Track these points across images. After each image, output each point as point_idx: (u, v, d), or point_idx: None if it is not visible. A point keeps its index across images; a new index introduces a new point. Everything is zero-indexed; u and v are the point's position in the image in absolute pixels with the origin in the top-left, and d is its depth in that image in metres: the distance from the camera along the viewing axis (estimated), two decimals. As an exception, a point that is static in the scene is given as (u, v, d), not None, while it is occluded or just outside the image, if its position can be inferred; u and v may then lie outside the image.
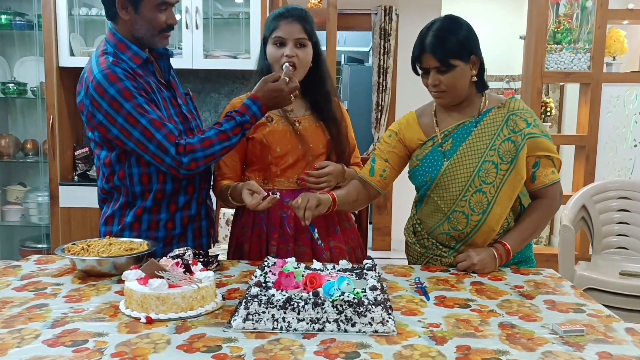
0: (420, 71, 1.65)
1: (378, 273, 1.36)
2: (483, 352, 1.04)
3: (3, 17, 3.36)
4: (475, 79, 1.63)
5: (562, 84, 4.64)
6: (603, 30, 3.45)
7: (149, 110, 1.52)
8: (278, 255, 1.70)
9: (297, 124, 1.78)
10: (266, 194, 1.59)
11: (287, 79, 1.59)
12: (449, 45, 1.56)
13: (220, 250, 2.94)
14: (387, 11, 4.90)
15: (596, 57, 3.46)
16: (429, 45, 1.57)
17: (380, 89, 4.99)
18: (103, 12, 3.43)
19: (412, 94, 4.98)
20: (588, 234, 2.97)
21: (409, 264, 1.81)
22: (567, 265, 2.75)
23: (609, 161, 3.53)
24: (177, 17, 3.29)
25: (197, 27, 3.26)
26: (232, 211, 3.17)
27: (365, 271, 1.36)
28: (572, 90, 4.57)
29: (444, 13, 4.99)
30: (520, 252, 1.68)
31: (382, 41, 4.94)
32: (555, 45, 3.51)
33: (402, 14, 4.97)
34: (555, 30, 3.53)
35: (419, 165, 1.71)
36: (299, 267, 1.35)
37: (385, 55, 4.94)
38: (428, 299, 1.34)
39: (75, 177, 3.46)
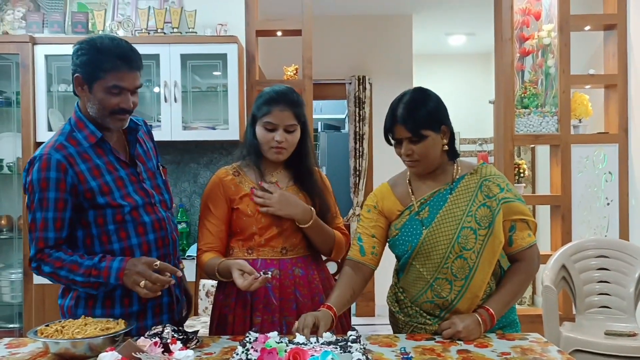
0: (392, 141, 1.69)
1: (363, 345, 1.33)
2: None
3: (-19, 94, 3.38)
4: (446, 147, 1.67)
5: (532, 146, 4.78)
6: (567, 95, 3.60)
7: (48, 208, 1.55)
8: (263, 326, 1.68)
9: None
10: (259, 274, 1.58)
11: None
12: (420, 117, 1.61)
13: (200, 323, 2.86)
14: (361, 80, 5.08)
15: (563, 120, 3.60)
16: (400, 117, 1.62)
17: (357, 154, 5.09)
18: (82, 89, 3.47)
19: (388, 159, 5.06)
20: (570, 293, 2.97)
21: (393, 332, 1.78)
22: (552, 327, 2.73)
23: (584, 219, 3.59)
24: (156, 90, 3.37)
25: (175, 100, 3.31)
26: (212, 282, 3.11)
27: (349, 343, 1.33)
28: (543, 151, 4.71)
29: (415, 81, 5.24)
30: (504, 316, 1.67)
31: (357, 109, 5.08)
32: (524, 110, 3.65)
33: (375, 82, 5.15)
34: (523, 95, 3.67)
35: (398, 235, 1.71)
36: (281, 342, 1.31)
37: (361, 122, 5.07)
38: (415, 370, 1.31)
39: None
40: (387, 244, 1.77)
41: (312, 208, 1.79)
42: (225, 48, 3.34)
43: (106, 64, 1.55)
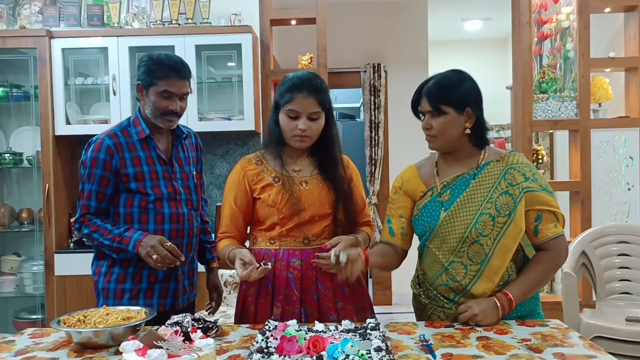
0: (420, 115, 1.70)
1: (382, 332, 1.33)
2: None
3: (0, 89, 3.42)
4: (468, 131, 1.65)
5: (551, 131, 4.71)
6: (587, 79, 3.54)
7: (94, 182, 1.86)
8: (283, 316, 1.67)
9: (304, 184, 1.77)
10: (258, 265, 1.61)
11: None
12: (443, 92, 1.62)
13: (219, 313, 2.89)
14: (376, 68, 5.04)
15: (582, 105, 3.54)
16: (425, 90, 1.65)
17: (373, 143, 5.06)
18: (98, 82, 3.53)
19: (404, 147, 5.06)
20: (590, 280, 2.94)
21: (415, 315, 1.79)
22: (572, 314, 2.70)
23: (604, 205, 3.54)
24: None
25: (191, 92, 3.31)
26: (229, 272, 3.14)
27: (369, 331, 1.33)
28: (562, 137, 4.64)
29: (431, 67, 5.18)
30: (525, 305, 1.66)
31: (372, 97, 5.05)
32: (542, 95, 3.59)
33: (391, 70, 5.11)
34: (541, 80, 3.62)
35: (419, 215, 1.72)
36: (301, 330, 1.32)
37: (376, 111, 5.04)
38: (434, 357, 1.30)
39: (71, 245, 3.43)
40: (411, 223, 1.77)
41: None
42: (239, 38, 3.34)
43: (159, 72, 1.83)
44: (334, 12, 4.27)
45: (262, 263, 1.62)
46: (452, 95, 1.62)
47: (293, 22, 3.74)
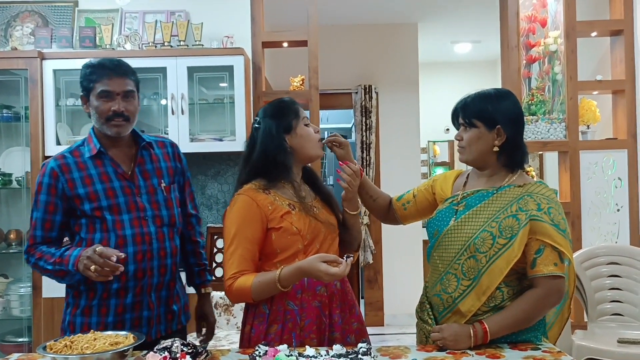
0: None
1: (373, 357, 1.32)
2: None
3: (-10, 109, 3.41)
4: (496, 149, 1.66)
5: (540, 152, 4.76)
6: (575, 101, 3.58)
7: (40, 209, 1.73)
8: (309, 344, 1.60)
9: (315, 209, 1.75)
10: (343, 259, 1.53)
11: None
12: (477, 106, 1.68)
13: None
14: (367, 89, 5.08)
15: (571, 126, 3.58)
16: (462, 103, 1.71)
17: (365, 163, 5.08)
18: (90, 103, 3.49)
19: (395, 168, 5.08)
20: (581, 301, 2.94)
21: (417, 338, 1.80)
22: (564, 336, 2.68)
23: (594, 226, 3.55)
24: (163, 102, 3.39)
25: (182, 113, 3.33)
26: (220, 294, 3.10)
27: (360, 356, 1.32)
28: (551, 158, 4.68)
29: (421, 89, 5.23)
30: (516, 335, 1.61)
31: (364, 118, 5.08)
32: (531, 117, 3.63)
33: (382, 91, 5.16)
34: (530, 102, 3.66)
35: (433, 218, 1.77)
36: (291, 356, 1.30)
37: (368, 132, 5.07)
38: (426, 382, 1.29)
39: (59, 267, 3.39)
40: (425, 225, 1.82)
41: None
42: (231, 60, 3.36)
43: (94, 74, 1.74)
44: (326, 34, 4.32)
45: (345, 257, 1.53)
46: (485, 110, 1.66)
47: (285, 44, 3.77)
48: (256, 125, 1.76)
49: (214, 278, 2.47)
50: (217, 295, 3.11)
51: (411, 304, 5.60)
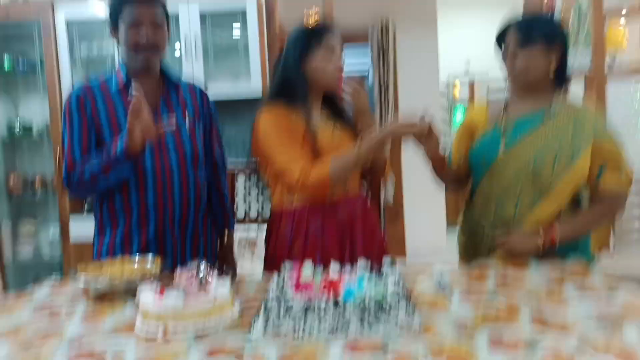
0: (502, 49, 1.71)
1: (398, 272, 1.32)
2: (516, 340, 1.00)
3: (6, 60, 3.40)
4: (552, 67, 1.63)
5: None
6: (601, 30, 3.44)
7: (73, 132, 1.67)
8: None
9: (336, 130, 1.73)
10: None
11: None
12: (535, 23, 1.65)
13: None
14: (384, 28, 4.94)
15: (597, 55, 3.45)
16: (516, 20, 1.67)
17: (383, 105, 5.00)
18: (103, 51, 3.48)
19: (413, 107, 4.99)
20: (610, 228, 2.92)
21: (458, 250, 1.85)
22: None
23: (621, 156, 3.48)
24: (177, 47, 3.34)
25: (196, 58, 3.29)
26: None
27: (384, 270, 1.31)
28: (577, 88, 4.55)
29: (439, 23, 5.06)
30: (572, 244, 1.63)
31: (381, 58, 4.96)
32: (555, 47, 3.51)
33: (399, 30, 5.00)
34: (553, 32, 3.54)
35: (477, 148, 1.74)
36: (316, 272, 1.31)
37: (385, 72, 4.96)
38: (452, 295, 1.29)
39: (85, 211, 3.44)
40: (468, 157, 1.79)
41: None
42: (244, 1, 3.27)
43: (122, 4, 1.67)
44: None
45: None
46: (543, 27, 1.63)
47: (298, -19, 3.66)
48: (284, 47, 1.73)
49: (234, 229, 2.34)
50: (241, 229, 3.13)
51: (433, 239, 5.59)
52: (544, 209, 1.61)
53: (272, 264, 1.71)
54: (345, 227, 1.68)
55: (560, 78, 1.67)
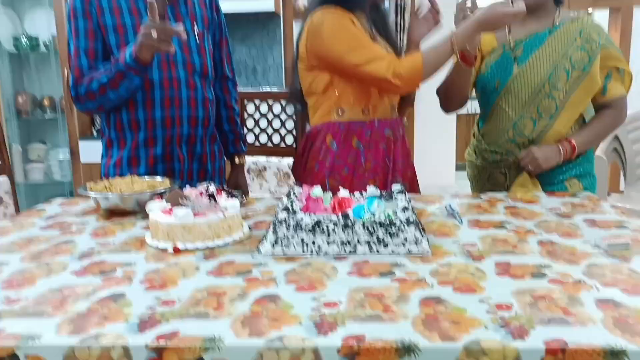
0: None
1: (408, 198, 1.31)
2: (523, 267, 1.00)
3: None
4: None
5: (590, 11, 4.42)
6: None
7: (79, 37, 1.59)
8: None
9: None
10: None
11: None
12: None
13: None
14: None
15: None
16: None
17: (399, 29, 4.83)
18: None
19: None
20: (620, 165, 2.87)
21: (471, 185, 1.90)
22: (600, 197, 2.67)
23: (640, 91, 3.38)
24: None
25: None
26: (252, 159, 3.13)
27: (394, 194, 1.31)
28: (601, 18, 4.36)
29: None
30: (581, 164, 1.71)
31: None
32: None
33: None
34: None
35: (488, 71, 1.74)
36: (325, 194, 1.30)
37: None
38: (461, 222, 1.29)
39: (95, 132, 3.44)
40: (475, 82, 1.79)
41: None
42: None
43: None
44: None
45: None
46: None
47: None
48: None
49: (246, 149, 2.29)
50: (249, 161, 3.14)
51: (444, 176, 5.58)
52: (562, 123, 1.67)
53: (311, 175, 1.67)
54: (389, 147, 1.67)
55: None
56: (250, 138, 2.94)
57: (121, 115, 1.66)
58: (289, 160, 2.86)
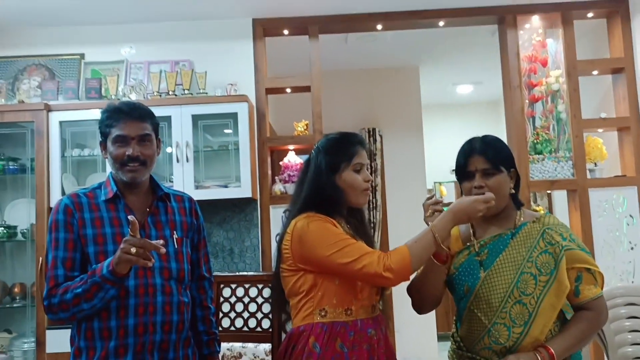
0: (461, 177, 1.73)
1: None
2: None
3: (-3, 162, 3.43)
4: (512, 191, 1.71)
5: (549, 191, 4.71)
6: (580, 139, 3.57)
7: (58, 247, 1.63)
8: None
9: None
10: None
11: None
12: (499, 151, 1.70)
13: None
14: (371, 132, 5.09)
15: (578, 165, 3.55)
16: (479, 149, 1.69)
17: (371, 206, 5.03)
18: (95, 152, 3.51)
19: (402, 211, 5.03)
20: (601, 344, 2.83)
21: None
22: (585, 382, 2.58)
23: (608, 265, 3.47)
24: (168, 150, 3.39)
25: (187, 160, 3.33)
26: (226, 345, 3.01)
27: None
28: (560, 196, 4.63)
29: (425, 130, 5.23)
30: None
31: (369, 161, 5.07)
32: (537, 155, 3.61)
33: (386, 134, 5.16)
34: (535, 141, 3.65)
35: (456, 274, 1.73)
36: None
37: (373, 174, 5.05)
38: None
39: (64, 324, 3.32)
40: (446, 283, 1.77)
41: None
42: (235, 107, 3.38)
43: (110, 119, 1.69)
44: (328, 79, 4.36)
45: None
46: (504, 154, 1.71)
47: (288, 90, 3.80)
48: (313, 153, 1.74)
49: (220, 350, 2.20)
50: (224, 347, 3.03)
51: (423, 349, 5.41)
52: (538, 329, 1.60)
53: None
54: (373, 347, 1.64)
55: (517, 198, 1.74)
56: (225, 322, 2.87)
57: (92, 324, 1.62)
58: (266, 346, 2.76)
